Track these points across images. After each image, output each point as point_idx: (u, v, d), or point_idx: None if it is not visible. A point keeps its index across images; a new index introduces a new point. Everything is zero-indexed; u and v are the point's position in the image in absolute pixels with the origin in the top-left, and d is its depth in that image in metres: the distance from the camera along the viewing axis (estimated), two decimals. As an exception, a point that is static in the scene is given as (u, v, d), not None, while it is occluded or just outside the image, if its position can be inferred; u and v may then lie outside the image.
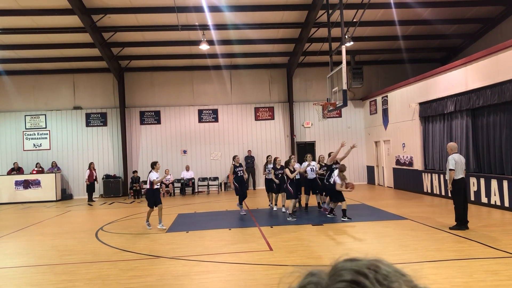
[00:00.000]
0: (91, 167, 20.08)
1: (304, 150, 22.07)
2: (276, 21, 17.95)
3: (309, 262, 7.38)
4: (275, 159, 13.48)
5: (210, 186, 21.72)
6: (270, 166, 14.18)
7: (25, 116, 21.39)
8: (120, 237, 10.55)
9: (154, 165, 11.08)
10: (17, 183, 19.92)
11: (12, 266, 8.40)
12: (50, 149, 21.42)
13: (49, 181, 20.04)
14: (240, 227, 11.36)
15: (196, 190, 21.57)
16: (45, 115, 21.50)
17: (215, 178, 21.96)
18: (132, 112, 21.93)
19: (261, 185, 21.78)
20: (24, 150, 21.31)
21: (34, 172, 20.42)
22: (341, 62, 13.36)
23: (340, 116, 22.65)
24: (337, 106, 14.25)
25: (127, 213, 15.02)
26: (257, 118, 22.64)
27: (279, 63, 22.35)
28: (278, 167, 13.24)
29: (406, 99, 18.12)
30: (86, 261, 8.26)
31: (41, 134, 21.43)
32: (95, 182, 20.21)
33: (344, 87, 13.25)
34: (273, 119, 22.67)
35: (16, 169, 20.56)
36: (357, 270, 0.65)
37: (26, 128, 21.40)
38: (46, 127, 21.49)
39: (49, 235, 11.40)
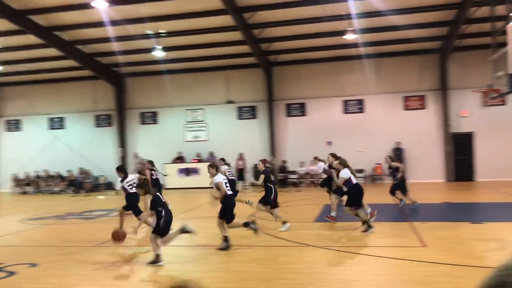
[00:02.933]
0: (239, 156, 21.43)
1: (461, 142, 20.39)
2: (426, 3, 16.81)
3: (469, 262, 6.86)
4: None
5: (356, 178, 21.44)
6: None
7: (185, 110, 23.70)
8: (271, 224, 11.08)
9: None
10: (180, 171, 22.24)
11: (181, 245, 9.44)
12: (207, 140, 23.41)
13: (206, 169, 21.91)
14: (389, 221, 11.04)
15: (341, 182, 21.52)
16: (202, 109, 23.54)
17: (361, 170, 21.56)
18: (279, 104, 22.73)
19: (411, 177, 20.79)
20: (185, 141, 23.65)
21: (194, 161, 22.57)
22: (506, 44, 11.97)
23: (504, 103, 20.30)
24: (501, 92, 12.85)
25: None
26: (406, 108, 21.58)
27: (430, 48, 20.91)
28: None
29: None
30: (242, 245, 8.88)
31: (199, 127, 23.56)
32: (244, 171, 21.47)
33: (510, 71, 11.86)
34: (425, 108, 21.35)
35: (179, 158, 22.94)
36: None
37: (186, 122, 23.72)
38: (203, 120, 23.54)
39: (209, 218, 12.49)
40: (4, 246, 9.69)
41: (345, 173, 9.91)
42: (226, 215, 8.45)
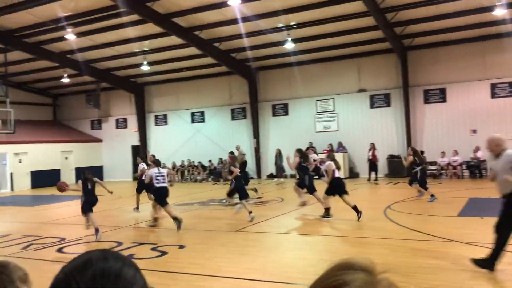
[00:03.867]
0: (371, 147, 20.78)
1: None
2: None
3: None
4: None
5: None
6: None
7: (316, 101, 23.74)
8: (408, 217, 10.62)
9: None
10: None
11: (313, 234, 9.58)
12: (338, 130, 23.19)
13: (338, 160, 21.73)
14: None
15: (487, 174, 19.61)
16: (333, 99, 23.35)
17: (513, 161, 19.40)
18: (416, 91, 21.47)
19: None
20: (315, 132, 23.73)
21: (325, 152, 22.51)
22: None
23: None
24: None
25: (413, 194, 14.92)
26: None
27: None
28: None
29: None
30: (377, 237, 8.67)
31: (330, 117, 23.43)
32: (376, 162, 20.74)
33: None
34: None
35: (310, 149, 23.05)
36: None
37: (317, 112, 23.76)
38: (334, 110, 23.35)
39: (341, 209, 12.42)
40: (156, 228, 10.84)
41: (330, 165, 10.94)
42: (159, 201, 10.71)
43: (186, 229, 10.45)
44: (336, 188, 10.74)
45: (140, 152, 27.97)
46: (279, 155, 23.25)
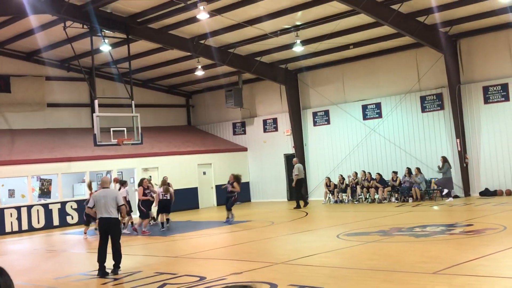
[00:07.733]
0: None
1: None
2: None
3: None
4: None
5: None
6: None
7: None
8: None
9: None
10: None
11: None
12: None
13: None
14: None
15: None
16: None
17: None
18: None
19: None
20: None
21: None
22: None
23: None
24: None
25: None
26: None
27: None
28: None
29: None
30: None
31: None
32: None
33: None
34: None
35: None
36: None
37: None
38: None
39: None
40: (321, 267, 10.97)
41: None
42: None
43: (360, 268, 10.37)
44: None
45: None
46: (444, 163, 22.76)
